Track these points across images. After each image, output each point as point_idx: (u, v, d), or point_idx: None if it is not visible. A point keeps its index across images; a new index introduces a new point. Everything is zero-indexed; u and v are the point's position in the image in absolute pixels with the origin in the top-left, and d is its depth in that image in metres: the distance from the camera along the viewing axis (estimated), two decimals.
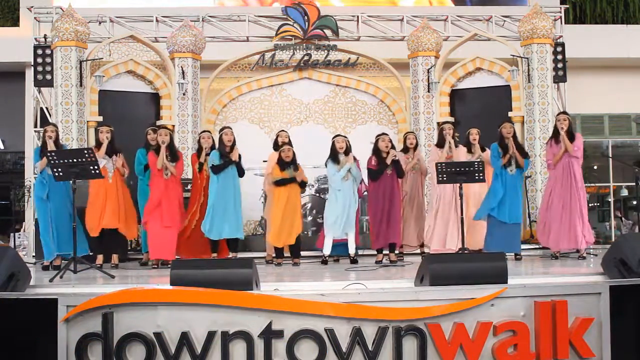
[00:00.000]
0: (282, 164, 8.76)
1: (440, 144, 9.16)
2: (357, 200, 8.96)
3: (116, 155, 8.50)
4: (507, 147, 8.65)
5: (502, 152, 8.68)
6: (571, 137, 8.52)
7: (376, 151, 8.78)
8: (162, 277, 6.82)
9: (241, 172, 8.77)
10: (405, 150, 9.32)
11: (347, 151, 8.82)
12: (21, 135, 15.40)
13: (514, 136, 8.82)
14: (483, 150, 9.11)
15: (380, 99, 13.75)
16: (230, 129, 8.90)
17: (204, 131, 9.53)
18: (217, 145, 8.95)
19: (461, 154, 8.96)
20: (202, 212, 8.82)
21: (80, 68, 11.49)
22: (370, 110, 13.81)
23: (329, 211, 8.88)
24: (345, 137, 9.07)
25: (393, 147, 8.85)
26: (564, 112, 8.87)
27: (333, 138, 8.98)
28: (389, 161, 8.62)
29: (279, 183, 8.76)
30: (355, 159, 8.99)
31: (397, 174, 8.74)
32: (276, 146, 9.35)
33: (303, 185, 8.90)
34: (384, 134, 8.93)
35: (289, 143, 9.08)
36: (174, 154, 8.60)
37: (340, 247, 9.07)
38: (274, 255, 9.01)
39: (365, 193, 9.63)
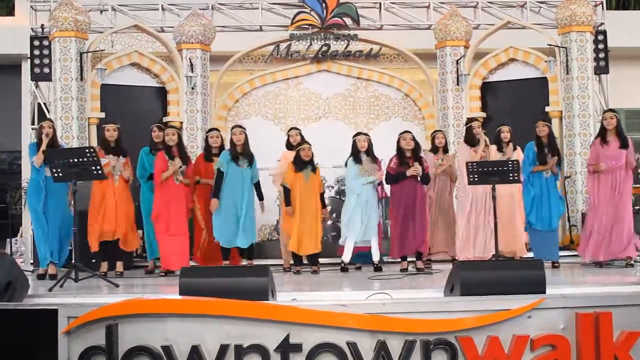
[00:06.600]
0: (299, 163, 8.72)
1: (470, 141, 9.04)
2: (379, 203, 8.90)
3: (123, 157, 8.45)
4: (545, 152, 8.66)
5: (538, 156, 8.69)
6: (622, 139, 8.53)
7: (398, 151, 8.74)
8: (170, 286, 6.85)
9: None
10: (434, 150, 9.24)
11: (369, 151, 8.80)
12: (17, 133, 15.46)
13: (550, 135, 8.78)
14: (514, 149, 9.02)
15: (405, 92, 13.70)
16: (241, 127, 8.89)
17: (212, 129, 9.52)
18: (227, 146, 8.93)
19: (492, 153, 8.90)
20: None
21: (80, 60, 11.56)
22: (394, 105, 13.76)
23: (346, 214, 8.86)
24: (367, 135, 9.05)
25: (417, 144, 8.79)
26: (611, 110, 8.86)
27: (354, 136, 8.96)
28: (409, 173, 8.52)
29: (286, 191, 8.78)
30: (377, 159, 8.97)
31: (423, 181, 8.67)
32: (289, 145, 9.33)
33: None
34: (405, 132, 8.87)
35: (303, 141, 9.05)
36: (183, 157, 8.53)
37: (360, 257, 9.04)
38: (292, 262, 8.99)
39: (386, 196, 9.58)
